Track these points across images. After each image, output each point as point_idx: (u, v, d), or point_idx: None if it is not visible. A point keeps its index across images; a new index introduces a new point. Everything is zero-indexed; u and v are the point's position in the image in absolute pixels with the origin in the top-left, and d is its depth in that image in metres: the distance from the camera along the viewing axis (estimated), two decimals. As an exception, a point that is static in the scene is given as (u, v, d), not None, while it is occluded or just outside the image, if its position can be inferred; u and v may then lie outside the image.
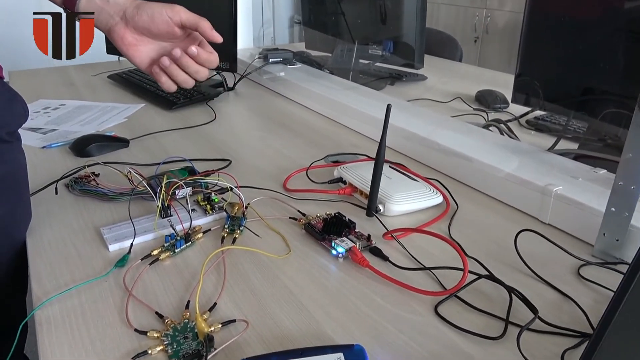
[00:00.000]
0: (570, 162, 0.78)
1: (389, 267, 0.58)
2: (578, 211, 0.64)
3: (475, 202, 0.75)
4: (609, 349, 0.33)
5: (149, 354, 0.45)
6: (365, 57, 1.46)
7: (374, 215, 0.68)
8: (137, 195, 0.73)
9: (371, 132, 1.01)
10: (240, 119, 1.16)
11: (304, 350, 0.43)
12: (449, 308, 0.52)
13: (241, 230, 0.65)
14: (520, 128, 1.07)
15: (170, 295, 0.54)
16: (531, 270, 0.57)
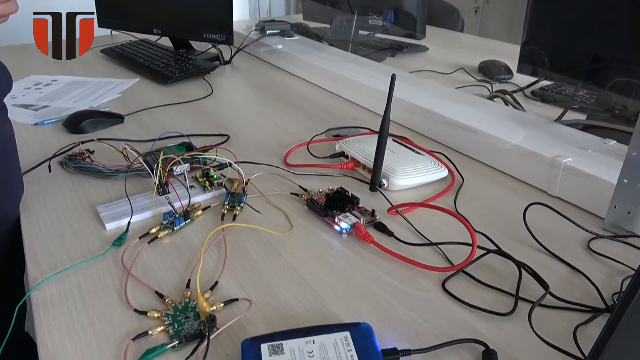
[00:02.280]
0: (579, 133, 0.76)
1: (394, 243, 0.57)
2: (588, 183, 0.62)
3: (481, 175, 0.73)
4: (630, 326, 0.31)
5: (149, 334, 0.44)
6: (365, 28, 1.42)
7: (378, 190, 0.66)
8: (134, 172, 0.70)
9: (373, 104, 0.98)
10: (237, 92, 1.13)
11: (309, 329, 0.42)
12: (456, 284, 0.50)
13: (241, 207, 0.63)
14: (526, 99, 1.04)
15: (170, 275, 0.52)
16: (540, 244, 0.56)
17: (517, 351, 0.42)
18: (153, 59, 1.25)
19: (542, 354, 0.42)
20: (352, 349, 0.40)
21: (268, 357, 0.39)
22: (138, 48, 1.35)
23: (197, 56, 1.30)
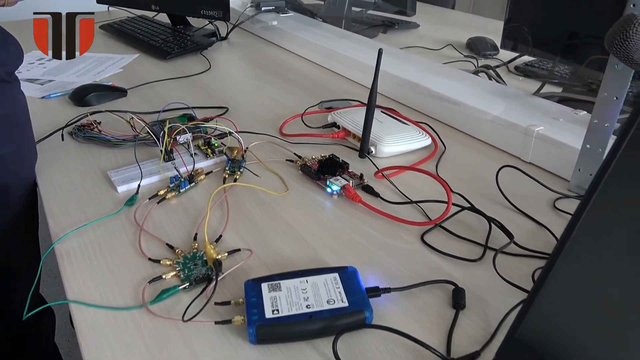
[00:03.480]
0: (554, 105, 0.81)
1: (379, 203, 0.63)
2: (557, 149, 0.69)
3: (462, 144, 0.79)
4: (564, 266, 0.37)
5: (163, 278, 0.50)
6: (358, 5, 1.45)
7: (366, 157, 0.72)
8: (140, 141, 0.76)
9: (364, 79, 1.03)
10: (234, 68, 1.17)
11: (303, 272, 0.48)
12: (434, 237, 0.57)
13: (241, 172, 0.69)
14: (509, 74, 1.09)
15: (179, 230, 0.58)
16: (510, 203, 0.62)
17: (483, 290, 0.49)
18: (152, 35, 1.29)
19: (504, 292, 0.49)
20: (340, 286, 0.46)
21: (268, 293, 0.45)
22: (136, 24, 1.39)
23: (194, 32, 1.33)
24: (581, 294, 0.36)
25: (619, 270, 0.35)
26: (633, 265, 0.35)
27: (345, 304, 0.44)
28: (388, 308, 0.47)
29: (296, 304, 0.44)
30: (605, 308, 0.35)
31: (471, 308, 0.47)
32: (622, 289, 0.35)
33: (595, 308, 0.35)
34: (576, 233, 0.38)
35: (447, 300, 0.48)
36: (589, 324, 0.35)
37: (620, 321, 0.34)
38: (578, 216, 0.38)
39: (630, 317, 0.34)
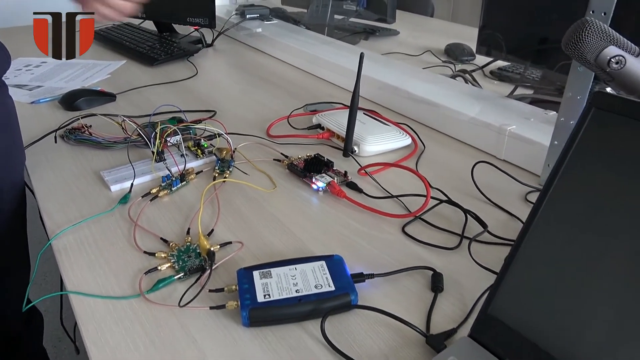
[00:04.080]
0: (526, 106, 0.86)
1: (363, 198, 0.66)
2: (528, 147, 0.73)
3: (440, 143, 0.83)
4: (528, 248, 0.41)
5: (159, 269, 0.53)
6: (340, 13, 1.50)
7: (350, 156, 0.76)
8: (131, 143, 0.78)
9: (346, 83, 1.07)
10: (220, 73, 1.20)
11: (292, 260, 0.51)
12: (414, 228, 0.61)
13: (231, 171, 0.72)
14: (485, 78, 1.14)
15: (172, 225, 0.61)
16: (485, 196, 0.66)
17: (459, 274, 0.53)
18: (138, 42, 1.31)
19: (478, 276, 0.52)
20: (327, 273, 0.49)
21: (259, 280, 0.48)
22: (123, 31, 1.41)
23: (180, 39, 1.36)
24: (543, 271, 0.40)
25: (574, 251, 0.39)
26: (586, 247, 0.39)
27: (332, 288, 0.47)
28: (372, 292, 0.50)
29: (286, 289, 0.47)
30: (564, 282, 0.39)
31: (449, 291, 0.50)
32: (576, 267, 0.39)
33: (555, 283, 0.39)
34: (537, 219, 0.42)
35: (426, 284, 0.51)
36: (551, 297, 0.39)
37: (576, 293, 0.38)
38: (540, 202, 0.42)
39: (584, 289, 0.38)
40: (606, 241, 0.38)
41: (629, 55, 0.43)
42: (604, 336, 0.36)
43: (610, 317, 0.36)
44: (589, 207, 0.39)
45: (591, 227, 0.39)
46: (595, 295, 0.37)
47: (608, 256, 0.37)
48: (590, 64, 0.44)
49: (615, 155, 0.39)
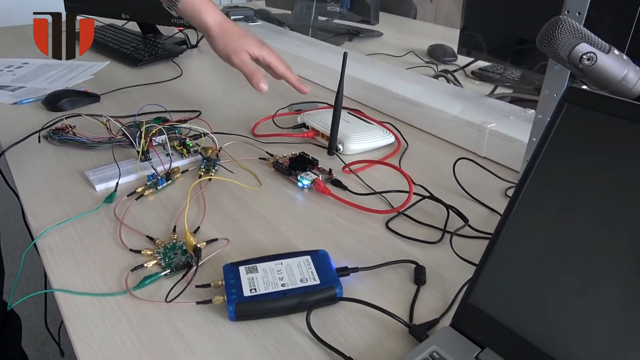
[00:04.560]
0: (506, 105, 0.88)
1: (347, 195, 0.67)
2: (508, 144, 0.75)
3: (423, 141, 0.85)
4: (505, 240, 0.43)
5: (145, 266, 0.53)
6: (324, 14, 1.51)
7: (335, 154, 0.77)
8: (116, 143, 0.78)
9: (330, 83, 1.08)
10: (205, 74, 1.21)
11: (278, 256, 0.52)
12: (398, 224, 0.62)
13: (216, 170, 0.72)
14: (466, 78, 1.16)
15: (158, 224, 0.61)
16: (466, 192, 0.68)
17: (441, 267, 0.54)
18: (122, 43, 1.31)
19: (460, 268, 0.54)
20: (312, 267, 0.50)
21: (245, 275, 0.49)
22: (106, 32, 1.40)
23: (164, 40, 1.36)
24: (519, 262, 0.42)
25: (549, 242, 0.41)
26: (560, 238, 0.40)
27: (317, 282, 0.48)
28: (356, 285, 0.51)
29: (272, 283, 0.48)
30: (540, 272, 0.40)
31: (431, 283, 0.52)
32: (551, 257, 0.40)
33: (531, 272, 0.41)
34: (514, 211, 0.43)
35: (409, 277, 0.53)
36: (528, 286, 0.41)
37: (552, 282, 0.40)
38: (516, 195, 0.43)
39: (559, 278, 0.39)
40: (580, 232, 0.39)
41: (599, 52, 0.45)
42: (580, 322, 0.37)
43: (586, 304, 0.38)
44: (563, 200, 0.41)
45: (565, 219, 0.40)
46: (569, 283, 0.39)
47: (581, 246, 0.39)
48: (564, 61, 0.46)
49: (588, 149, 0.41)
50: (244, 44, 0.75)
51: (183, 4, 0.75)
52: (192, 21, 0.77)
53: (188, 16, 0.76)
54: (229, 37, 0.75)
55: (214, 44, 0.76)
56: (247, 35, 0.77)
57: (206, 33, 0.77)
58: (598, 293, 0.37)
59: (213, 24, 0.76)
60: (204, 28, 0.77)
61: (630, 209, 0.37)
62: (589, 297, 0.37)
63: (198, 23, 0.76)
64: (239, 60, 0.75)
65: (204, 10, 0.75)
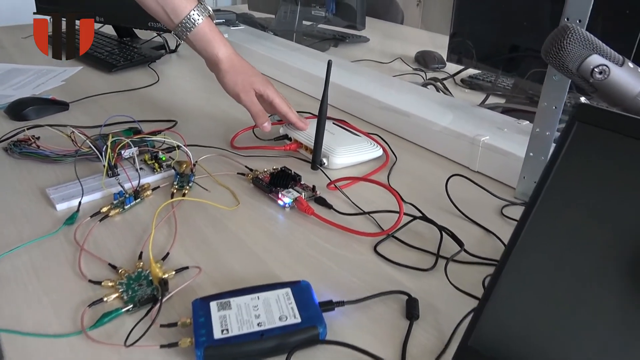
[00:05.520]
0: (498, 116, 0.84)
1: (332, 214, 0.62)
2: (502, 158, 0.71)
3: (412, 154, 0.80)
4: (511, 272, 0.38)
5: (104, 301, 0.47)
6: (309, 19, 1.47)
7: (319, 169, 0.72)
8: (82, 157, 0.72)
9: (315, 91, 1.03)
10: (183, 80, 1.15)
11: (254, 288, 0.46)
12: (387, 247, 0.57)
13: (190, 186, 0.67)
14: (456, 86, 1.12)
15: (122, 249, 0.55)
16: (460, 211, 0.63)
17: (436, 298, 0.49)
18: (96, 47, 1.25)
19: (456, 299, 0.49)
20: (292, 302, 0.45)
21: (217, 313, 0.43)
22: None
23: (142, 45, 1.30)
24: (528, 298, 0.37)
25: (562, 272, 0.36)
26: (576, 268, 0.36)
27: (298, 320, 0.43)
28: (342, 322, 0.46)
29: (247, 322, 0.43)
30: (552, 311, 0.36)
31: (425, 318, 0.47)
32: (565, 291, 0.36)
33: (542, 311, 0.36)
34: (521, 240, 0.38)
35: (400, 310, 0.48)
36: (538, 326, 0.36)
37: (567, 323, 0.35)
38: (522, 223, 0.38)
39: (576, 317, 0.35)
40: (597, 260, 0.35)
41: (612, 65, 0.40)
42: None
43: (602, 345, 0.33)
44: (576, 227, 0.36)
45: (579, 248, 0.36)
46: (587, 322, 0.34)
47: (599, 276, 0.34)
48: (572, 74, 0.42)
49: (601, 171, 0.37)
50: (252, 82, 0.75)
51: (194, 35, 0.74)
52: (201, 52, 0.76)
53: (198, 47, 0.75)
54: (239, 74, 0.75)
55: (223, 78, 0.76)
56: (254, 72, 0.77)
57: (215, 66, 0.76)
58: (621, 333, 0.33)
59: (224, 57, 0.75)
60: (213, 61, 0.76)
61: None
62: (609, 338, 0.33)
63: (208, 55, 0.76)
64: (248, 99, 0.75)
65: (215, 43, 0.75)
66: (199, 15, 0.72)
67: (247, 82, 0.75)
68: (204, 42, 0.74)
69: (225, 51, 0.75)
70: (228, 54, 0.75)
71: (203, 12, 0.73)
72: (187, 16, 0.72)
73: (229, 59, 0.75)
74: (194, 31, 0.73)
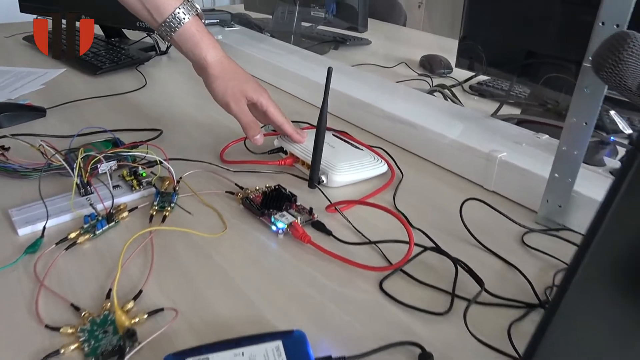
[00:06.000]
0: (514, 128, 0.77)
1: (332, 242, 0.55)
2: (521, 177, 0.63)
3: (420, 170, 0.73)
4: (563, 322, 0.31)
5: (61, 353, 0.40)
6: (308, 20, 1.39)
7: (317, 187, 0.64)
8: (53, 171, 0.65)
9: (314, 98, 0.96)
10: (173, 85, 1.07)
11: (239, 340, 0.39)
12: (394, 283, 0.49)
13: (172, 207, 0.59)
14: (464, 93, 1.05)
15: (89, 284, 0.48)
16: (476, 239, 0.56)
17: (454, 351, 0.42)
18: (81, 48, 1.17)
19: (478, 353, 0.42)
20: (283, 359, 0.37)
21: (193, 373, 0.36)
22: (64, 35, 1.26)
23: (130, 46, 1.23)
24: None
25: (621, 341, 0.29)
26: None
27: (290, 383, 0.36)
28: (343, 382, 0.39)
29: (228, 386, 0.35)
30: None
31: (441, 376, 0.40)
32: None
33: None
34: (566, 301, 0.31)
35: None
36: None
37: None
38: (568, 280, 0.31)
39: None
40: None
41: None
42: None
43: None
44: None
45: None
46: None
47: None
48: (631, 92, 0.34)
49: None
50: (243, 90, 0.68)
51: (180, 35, 0.66)
52: (187, 54, 0.68)
53: (184, 48, 0.67)
54: (229, 80, 0.68)
55: (211, 84, 0.68)
56: (247, 78, 0.70)
57: (203, 71, 0.68)
58: None
59: (212, 61, 0.67)
60: (201, 65, 0.68)
61: None
62: None
63: (196, 58, 0.68)
64: (238, 109, 0.67)
65: (203, 45, 0.67)
66: (185, 13, 0.65)
67: (238, 89, 0.67)
68: (191, 44, 0.66)
69: (215, 54, 0.67)
70: (218, 57, 0.68)
71: (190, 10, 0.66)
72: (171, 14, 0.65)
73: (218, 63, 0.68)
74: (180, 31, 0.65)
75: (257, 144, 0.68)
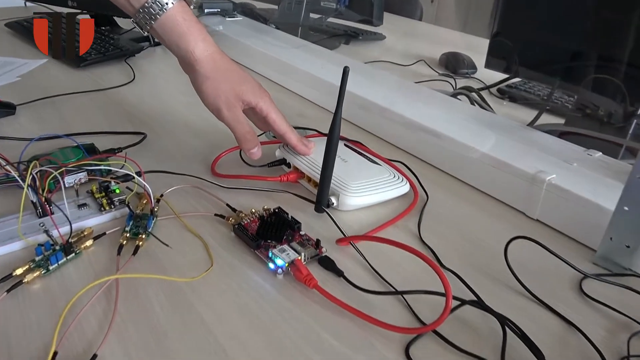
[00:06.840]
0: (558, 142, 0.65)
1: (343, 286, 0.44)
2: (574, 206, 0.52)
3: (447, 190, 0.61)
4: None
5: None
6: (317, 11, 1.28)
7: (325, 211, 0.53)
8: (11, 184, 0.54)
9: (323, 99, 0.85)
10: (164, 80, 0.96)
11: None
12: (423, 347, 0.38)
13: (147, 235, 0.48)
14: (490, 96, 0.94)
15: (32, 341, 0.37)
16: (526, 289, 0.45)
17: None
18: (66, 38, 1.06)
19: None
20: None
21: None
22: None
23: (120, 35, 1.12)
24: None
25: None
26: None
27: None
28: None
29: None
30: None
31: None
32: None
33: None
34: None
35: None
36: None
37: None
38: None
39: None
40: None
41: None
42: None
43: None
44: None
45: None
46: None
47: None
48: None
49: None
50: (239, 92, 0.56)
51: (162, 24, 0.54)
52: (172, 47, 0.56)
53: (167, 40, 0.56)
54: (222, 81, 0.56)
55: (201, 85, 0.56)
56: (244, 78, 0.58)
57: (191, 68, 0.56)
58: None
59: (202, 57, 0.55)
60: (188, 61, 0.56)
61: None
62: None
63: (182, 53, 0.56)
64: (231, 116, 0.57)
65: (190, 37, 0.55)
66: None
67: (233, 92, 0.56)
68: (175, 35, 0.55)
69: (205, 48, 0.56)
70: (208, 52, 0.56)
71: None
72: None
73: (209, 60, 0.56)
74: (162, 19, 0.54)
75: (253, 158, 0.57)
